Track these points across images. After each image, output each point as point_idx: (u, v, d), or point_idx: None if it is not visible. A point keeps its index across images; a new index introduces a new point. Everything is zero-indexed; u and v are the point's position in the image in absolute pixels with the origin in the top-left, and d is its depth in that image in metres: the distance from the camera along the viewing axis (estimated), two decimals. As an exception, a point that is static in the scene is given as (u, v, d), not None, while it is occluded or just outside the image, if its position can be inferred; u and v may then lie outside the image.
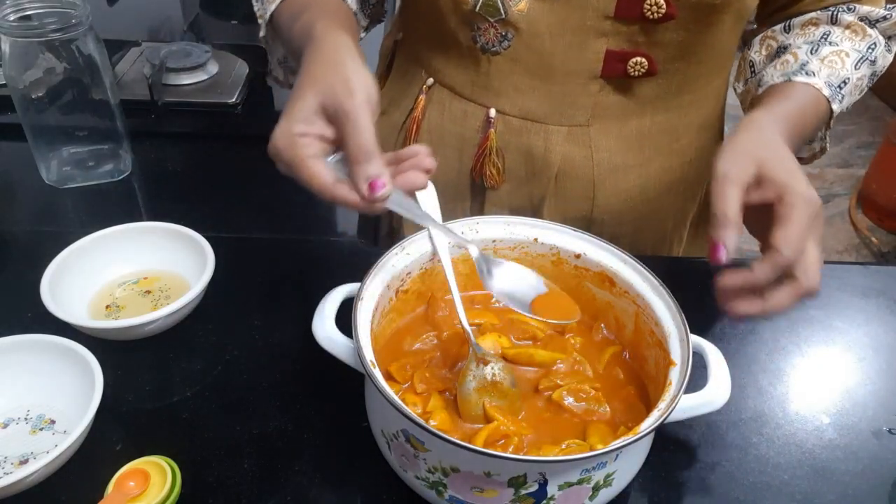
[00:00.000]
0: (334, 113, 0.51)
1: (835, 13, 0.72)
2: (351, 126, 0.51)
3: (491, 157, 0.77)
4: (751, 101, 0.74)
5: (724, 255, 0.53)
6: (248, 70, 1.10)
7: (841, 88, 0.68)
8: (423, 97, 0.80)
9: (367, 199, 0.50)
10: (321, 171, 0.51)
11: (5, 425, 0.57)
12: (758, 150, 0.57)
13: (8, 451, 0.55)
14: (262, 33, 0.73)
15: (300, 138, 0.51)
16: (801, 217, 0.53)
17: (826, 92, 0.67)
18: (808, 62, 0.69)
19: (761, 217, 0.55)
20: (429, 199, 0.62)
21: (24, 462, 0.54)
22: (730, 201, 0.54)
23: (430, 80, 0.79)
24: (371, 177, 0.50)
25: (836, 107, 0.68)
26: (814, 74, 0.68)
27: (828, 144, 0.76)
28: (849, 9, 0.72)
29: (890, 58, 0.75)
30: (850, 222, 2.52)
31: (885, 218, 2.43)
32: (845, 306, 0.74)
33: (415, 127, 0.81)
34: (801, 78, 0.68)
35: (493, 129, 0.76)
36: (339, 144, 0.52)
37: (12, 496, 0.51)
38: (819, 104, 0.68)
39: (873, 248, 2.41)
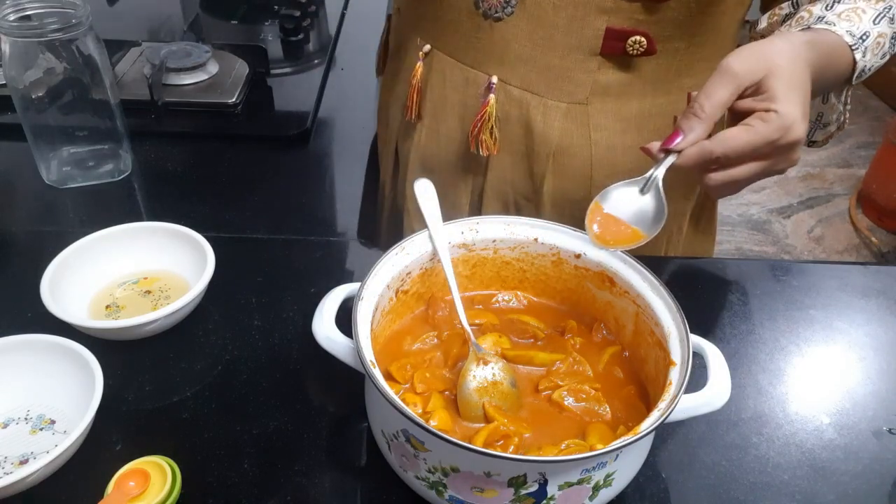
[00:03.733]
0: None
1: None
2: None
3: (489, 124, 0.77)
4: None
5: (674, 142, 0.54)
6: (248, 70, 1.10)
7: (863, 40, 0.64)
8: (420, 64, 0.80)
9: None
10: None
11: (5, 425, 0.57)
12: (774, 57, 0.56)
13: (8, 451, 0.55)
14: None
15: None
16: (762, 132, 0.54)
17: (848, 39, 0.64)
18: (824, 16, 0.66)
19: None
20: (428, 199, 0.62)
21: (24, 462, 0.54)
22: (714, 93, 0.55)
23: (427, 47, 0.80)
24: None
25: (859, 56, 0.64)
26: (833, 24, 0.65)
27: (847, 116, 0.72)
28: None
29: None
30: (850, 222, 2.52)
31: (885, 218, 2.43)
32: (845, 306, 0.74)
33: (415, 95, 0.82)
34: (820, 26, 0.64)
35: (493, 96, 0.76)
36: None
37: (12, 496, 0.51)
38: (841, 51, 0.64)
39: (873, 248, 2.41)
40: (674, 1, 0.68)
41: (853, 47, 0.64)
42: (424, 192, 0.62)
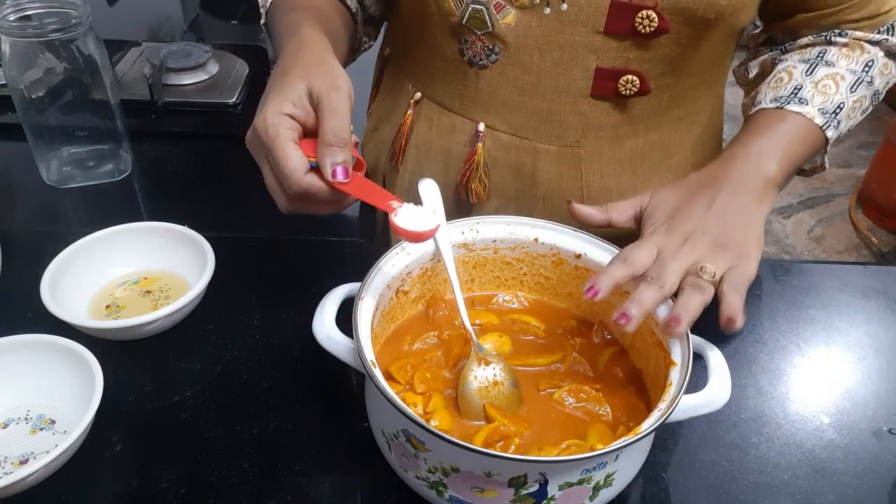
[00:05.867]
0: (318, 101, 0.53)
1: (828, 37, 0.72)
2: (331, 113, 0.53)
3: (478, 172, 0.76)
4: (746, 118, 0.74)
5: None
6: (248, 70, 1.10)
7: (836, 114, 0.69)
8: (411, 112, 0.79)
9: (331, 183, 0.53)
10: (298, 153, 0.53)
11: (5, 425, 0.57)
12: (690, 187, 0.64)
13: (8, 451, 0.55)
14: (262, 20, 0.73)
15: (288, 118, 0.53)
16: (650, 233, 0.61)
17: (819, 121, 0.68)
18: (801, 86, 0.69)
19: None
20: (431, 194, 0.62)
21: (24, 462, 0.55)
22: (591, 217, 0.65)
23: (418, 95, 0.79)
24: (338, 163, 0.52)
25: (831, 134, 0.69)
26: (807, 102, 0.68)
27: (826, 163, 0.76)
28: (841, 34, 0.72)
29: (894, 72, 0.74)
30: (850, 222, 2.52)
31: (885, 218, 2.43)
32: (845, 306, 0.74)
33: (403, 141, 0.81)
34: (793, 107, 0.68)
35: (480, 144, 0.75)
36: (314, 132, 0.54)
37: (12, 496, 0.51)
38: (813, 134, 0.68)
39: (873, 248, 2.41)
40: (664, 37, 0.66)
41: (824, 127, 0.68)
42: (428, 192, 0.62)
